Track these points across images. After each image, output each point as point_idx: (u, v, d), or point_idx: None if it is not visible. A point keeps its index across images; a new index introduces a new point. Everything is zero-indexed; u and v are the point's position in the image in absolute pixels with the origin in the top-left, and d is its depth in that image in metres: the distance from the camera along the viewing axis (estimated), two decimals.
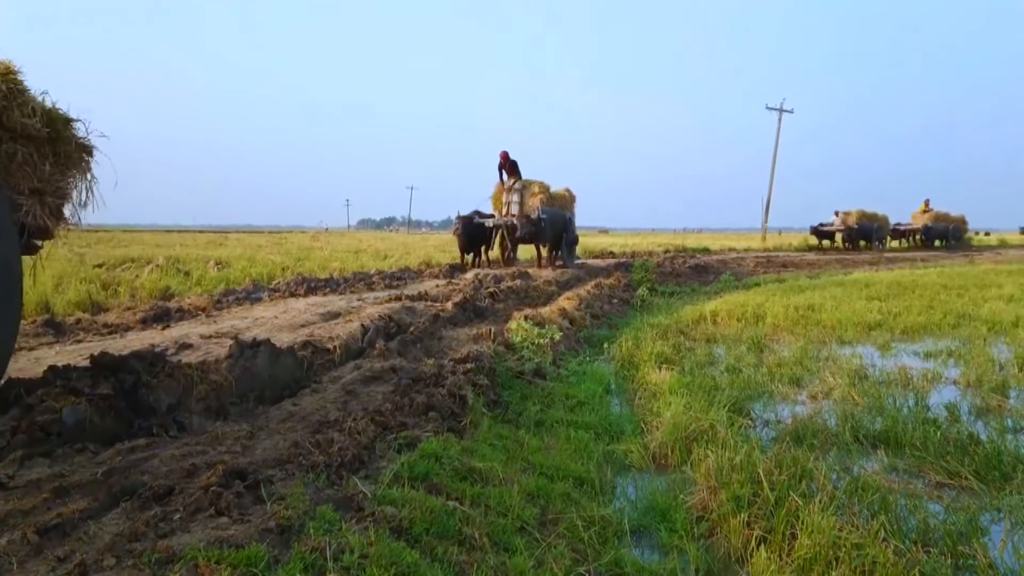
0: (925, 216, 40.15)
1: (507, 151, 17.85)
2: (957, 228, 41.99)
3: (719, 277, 17.59)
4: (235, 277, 13.73)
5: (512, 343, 7.09)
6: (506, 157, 17.81)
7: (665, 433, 4.79)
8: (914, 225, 40.17)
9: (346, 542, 2.72)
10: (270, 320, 7.80)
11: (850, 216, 35.63)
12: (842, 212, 36.04)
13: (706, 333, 9.20)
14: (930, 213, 40.27)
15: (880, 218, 37.34)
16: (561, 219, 18.03)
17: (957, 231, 41.92)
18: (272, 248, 24.75)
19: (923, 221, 39.84)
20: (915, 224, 40.19)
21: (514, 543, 3.23)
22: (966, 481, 4.04)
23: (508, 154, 17.84)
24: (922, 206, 40.84)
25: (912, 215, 41.08)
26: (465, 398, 5.01)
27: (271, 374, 5.11)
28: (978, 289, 13.73)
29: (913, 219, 40.75)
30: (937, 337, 8.74)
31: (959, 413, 5.34)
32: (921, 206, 40.90)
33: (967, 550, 3.15)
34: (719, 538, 3.52)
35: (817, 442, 4.68)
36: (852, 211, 35.92)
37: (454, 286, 12.23)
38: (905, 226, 40.24)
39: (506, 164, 17.84)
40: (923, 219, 40.01)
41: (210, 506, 2.96)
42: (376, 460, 3.81)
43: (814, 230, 36.97)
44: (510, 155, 17.86)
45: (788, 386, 6.26)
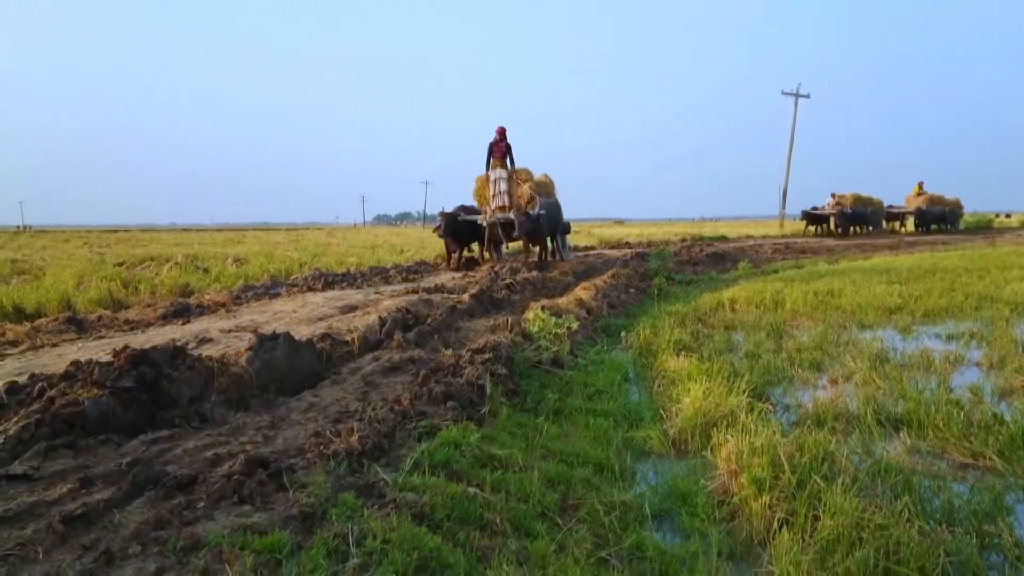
0: (919, 199, 38.79)
1: (505, 128, 15.71)
2: (952, 211, 40.75)
3: (736, 264, 17.48)
4: (253, 273, 13.83)
5: (529, 333, 7.08)
6: (503, 136, 15.67)
7: (684, 419, 4.78)
8: (908, 209, 38.95)
9: (368, 528, 2.74)
10: (288, 314, 7.85)
11: (844, 200, 34.55)
12: (836, 195, 34.96)
13: (724, 320, 9.15)
14: (924, 196, 38.93)
15: (875, 202, 36.28)
16: (557, 211, 16.55)
17: (952, 214, 40.68)
18: (289, 245, 24.91)
19: (917, 204, 38.50)
20: (909, 208, 38.92)
21: (535, 528, 3.24)
22: (990, 461, 4.01)
23: (505, 133, 15.71)
24: (915, 189, 39.57)
25: (906, 198, 39.72)
26: (483, 387, 5.02)
27: (291, 366, 5.14)
28: (1000, 271, 13.56)
29: (907, 202, 39.42)
30: (959, 319, 8.64)
31: (982, 394, 5.30)
32: (915, 189, 39.63)
33: (992, 529, 3.13)
34: (741, 521, 3.51)
35: (839, 425, 4.65)
36: (847, 195, 34.81)
37: (470, 278, 12.25)
38: (899, 209, 39.08)
39: (500, 145, 15.68)
40: (917, 202, 38.67)
41: (233, 494, 2.98)
42: (396, 448, 3.83)
43: (805, 214, 35.72)
44: (507, 135, 15.76)
45: (808, 371, 6.22)
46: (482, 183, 16.10)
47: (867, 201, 35.34)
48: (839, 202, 34.27)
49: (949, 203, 40.45)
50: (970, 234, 37.00)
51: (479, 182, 16.32)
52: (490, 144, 15.68)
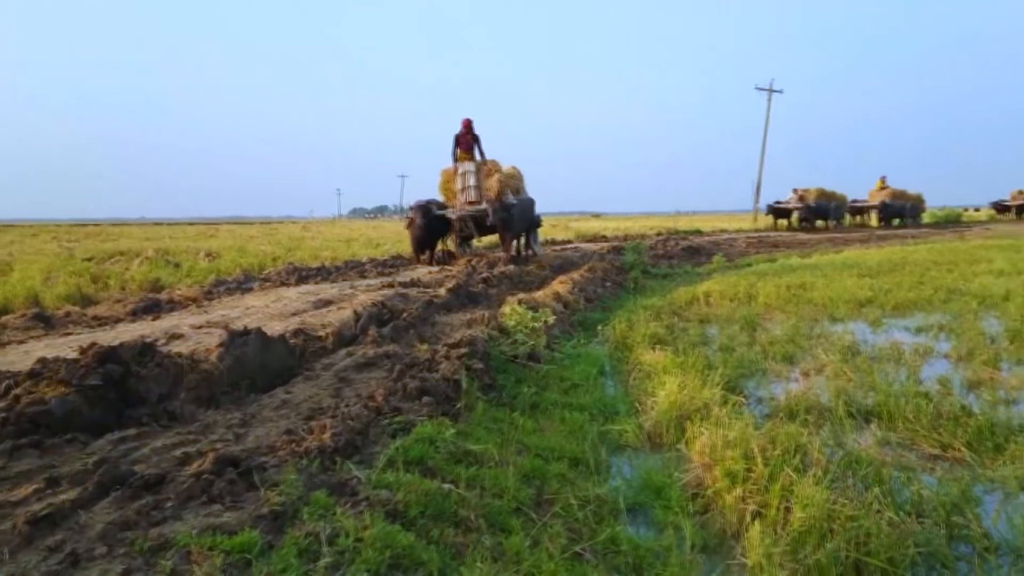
0: (882, 193, 39.10)
1: (471, 120, 15.13)
2: (914, 206, 41.16)
3: (711, 258, 17.58)
4: (226, 268, 13.70)
5: (506, 327, 7.07)
6: (469, 127, 15.11)
7: (659, 412, 4.80)
8: (871, 203, 39.29)
9: (340, 526, 2.71)
10: (261, 309, 7.77)
11: (808, 194, 34.72)
12: (800, 190, 35.12)
13: (699, 313, 9.21)
14: (887, 190, 39.25)
15: (838, 196, 36.55)
16: (530, 204, 16.08)
17: (914, 209, 41.10)
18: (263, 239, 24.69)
19: (880, 199, 38.82)
20: (872, 202, 39.27)
21: (510, 524, 3.23)
22: (959, 453, 4.07)
23: (472, 124, 15.15)
24: (879, 183, 39.85)
25: (869, 193, 40.04)
26: (459, 382, 4.99)
27: (263, 362, 5.09)
28: (968, 264, 13.78)
29: (870, 197, 39.71)
30: (928, 312, 8.76)
31: (951, 386, 5.37)
32: (878, 183, 39.88)
33: (961, 520, 3.17)
34: (714, 514, 3.53)
35: (810, 418, 4.69)
36: (811, 189, 35.16)
37: (447, 272, 12.21)
38: (862, 203, 39.50)
39: (466, 137, 15.10)
40: (880, 196, 38.95)
41: (202, 494, 2.94)
42: (370, 445, 3.79)
43: (771, 208, 35.79)
44: (473, 127, 15.18)
45: (781, 364, 6.28)
46: (448, 177, 15.48)
47: (830, 195, 35.65)
48: (802, 196, 34.45)
49: (911, 197, 40.80)
50: (939, 228, 37.51)
51: (445, 176, 15.68)
52: (456, 136, 15.13)
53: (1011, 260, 14.20)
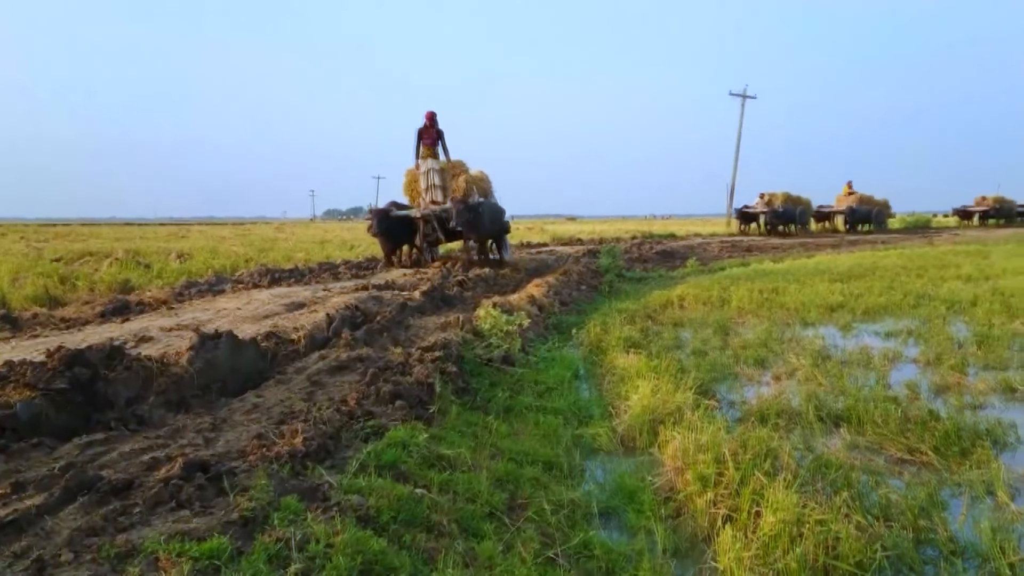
0: (849, 199, 39.16)
1: (435, 113, 14.39)
2: (880, 212, 41.14)
3: (685, 262, 17.70)
4: (197, 269, 13.55)
5: (480, 330, 7.07)
6: (433, 120, 14.36)
7: (633, 416, 4.82)
8: (837, 208, 39.25)
9: (311, 532, 2.69)
10: (233, 311, 7.70)
11: (775, 198, 34.55)
12: (767, 194, 34.91)
13: (673, 317, 9.26)
14: (854, 196, 39.31)
15: (804, 201, 36.40)
16: (498, 210, 15.33)
17: (880, 215, 41.06)
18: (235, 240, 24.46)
19: (847, 204, 38.82)
20: (839, 207, 39.24)
21: (483, 528, 3.23)
22: (926, 457, 4.12)
23: (436, 117, 14.40)
24: (845, 188, 39.93)
25: (836, 198, 40.06)
26: (433, 386, 4.98)
27: (234, 366, 5.04)
28: (937, 270, 13.99)
29: (837, 202, 39.73)
30: (897, 317, 8.88)
31: (919, 391, 5.45)
32: (845, 188, 39.96)
33: (928, 524, 3.21)
34: (686, 518, 3.55)
35: (781, 422, 4.74)
36: (777, 193, 34.92)
37: (422, 275, 12.17)
38: (829, 209, 39.38)
39: (430, 131, 14.38)
40: (847, 202, 38.99)
41: (171, 499, 2.90)
42: (342, 450, 3.77)
43: (739, 213, 35.66)
44: (437, 120, 14.46)
45: (753, 368, 6.33)
46: (413, 176, 14.90)
47: (796, 200, 35.54)
48: (769, 201, 34.39)
49: (878, 203, 40.90)
50: (909, 233, 38.01)
51: (409, 175, 15.10)
52: (419, 130, 14.38)
53: (979, 266, 14.45)
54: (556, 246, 23.76)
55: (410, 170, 14.97)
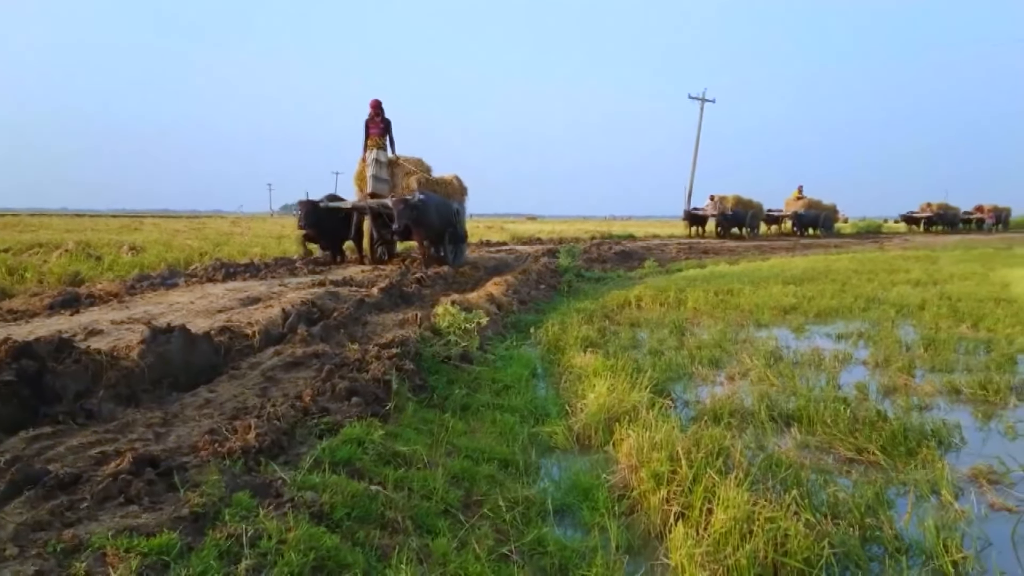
0: (798, 203, 39.66)
1: (380, 101, 13.69)
2: (828, 216, 41.74)
3: (643, 263, 17.86)
4: (150, 262, 13.29)
5: (439, 328, 7.05)
6: (378, 109, 13.66)
7: (589, 415, 4.85)
8: (786, 212, 39.67)
9: (263, 528, 2.66)
10: (186, 306, 7.57)
11: (726, 201, 34.62)
12: (717, 197, 34.89)
13: (630, 317, 9.34)
14: (803, 200, 39.83)
15: (754, 204, 36.55)
16: (448, 208, 14.31)
17: (828, 219, 41.68)
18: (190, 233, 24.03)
19: (796, 208, 39.32)
20: (788, 211, 39.66)
21: (437, 525, 3.22)
22: (874, 456, 4.22)
23: (381, 106, 13.69)
24: (795, 193, 40.37)
25: (786, 202, 40.52)
26: (390, 383, 4.96)
27: (186, 360, 4.95)
28: (887, 274, 14.33)
29: (787, 206, 40.18)
30: (848, 320, 9.08)
31: (868, 392, 5.58)
32: (794, 192, 40.40)
33: (874, 522, 3.29)
34: (639, 515, 3.58)
35: (734, 421, 4.80)
36: (728, 196, 34.95)
37: (380, 272, 12.09)
38: (778, 213, 39.73)
39: (376, 121, 13.69)
40: (796, 206, 39.49)
41: (119, 494, 2.85)
42: (296, 446, 3.73)
43: (687, 215, 35.57)
44: (384, 109, 13.76)
45: (707, 368, 6.42)
46: (363, 167, 14.13)
47: (747, 203, 35.70)
48: (719, 203, 34.40)
49: (826, 207, 41.49)
50: (860, 238, 38.84)
51: (360, 166, 14.24)
52: (366, 121, 13.76)
53: (927, 271, 14.84)
54: (516, 245, 23.79)
55: (362, 161, 14.27)
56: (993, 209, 51.25)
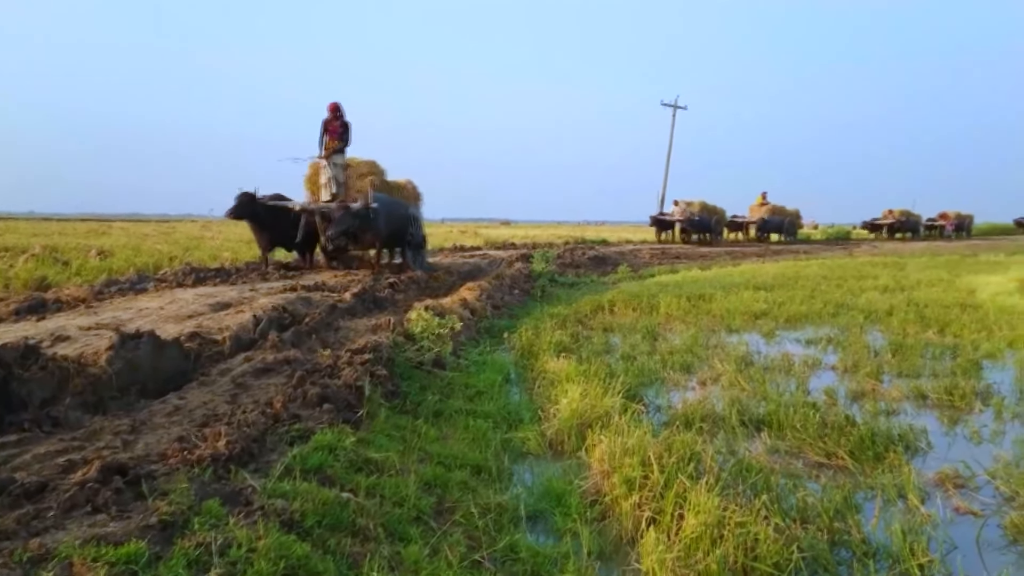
0: (762, 209, 39.42)
1: (339, 104, 13.07)
2: (792, 222, 41.61)
3: (616, 268, 17.94)
4: (118, 267, 13.09)
5: (412, 333, 7.03)
6: (336, 112, 13.04)
7: (562, 420, 4.86)
8: (751, 218, 39.48)
9: (233, 536, 2.63)
10: (155, 311, 7.47)
11: (692, 207, 34.29)
12: (683, 202, 34.60)
13: (603, 322, 9.38)
14: (767, 206, 39.59)
15: (719, 210, 36.39)
16: (401, 211, 13.47)
17: (792, 225, 41.56)
18: (159, 237, 23.73)
19: (760, 214, 39.11)
20: (752, 217, 39.46)
21: (409, 533, 3.21)
22: (842, 461, 4.27)
23: (340, 109, 13.06)
24: (759, 199, 40.18)
25: (750, 208, 40.26)
26: (362, 389, 4.93)
27: (155, 367, 4.89)
28: (856, 280, 14.51)
29: (751, 212, 39.94)
30: (818, 325, 9.19)
31: (837, 397, 5.66)
32: (758, 199, 40.20)
33: (842, 526, 3.34)
34: (611, 520, 3.60)
35: (705, 426, 4.84)
36: (694, 201, 34.64)
37: (353, 276, 12.02)
38: (742, 219, 39.54)
39: (334, 124, 13.10)
40: (760, 212, 39.26)
41: (87, 503, 2.81)
42: (267, 453, 3.70)
43: (654, 220, 34.97)
44: (343, 112, 13.12)
45: (679, 373, 6.46)
46: (315, 168, 13.53)
47: (712, 209, 35.60)
48: (684, 211, 34.12)
49: (789, 213, 41.41)
50: (830, 244, 39.28)
51: (312, 168, 13.65)
52: (324, 123, 13.16)
53: (895, 277, 15.07)
54: (490, 250, 23.75)
55: (313, 163, 13.64)
56: (956, 216, 51.95)
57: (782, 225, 39.98)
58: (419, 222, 14.67)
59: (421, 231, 14.77)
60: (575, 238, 34.02)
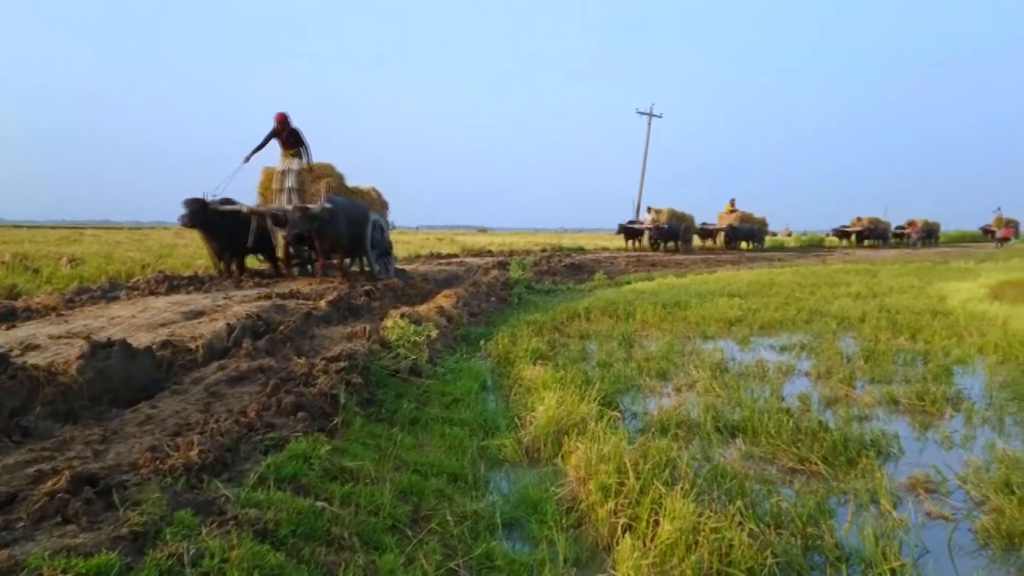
0: (731, 216, 39.56)
1: (286, 114, 12.54)
2: (759, 229, 41.83)
3: (593, 275, 18.01)
4: (90, 275, 12.92)
5: (388, 341, 7.00)
6: (284, 123, 12.51)
7: (538, 427, 4.87)
8: (719, 225, 39.47)
9: (206, 547, 2.60)
10: (127, 319, 7.38)
11: (661, 214, 34.02)
12: (653, 210, 34.40)
13: (580, 330, 9.40)
14: (736, 214, 39.72)
15: (687, 217, 36.06)
16: (360, 214, 12.91)
17: (759, 232, 41.82)
18: (131, 245, 23.44)
19: (729, 221, 39.19)
20: (720, 224, 39.48)
21: (384, 541, 3.20)
22: (815, 466, 4.31)
23: (288, 119, 12.55)
24: (728, 206, 40.25)
25: (719, 215, 40.36)
26: (337, 397, 4.90)
27: (127, 375, 4.83)
28: (829, 287, 14.68)
29: (720, 219, 40.01)
30: (791, 332, 9.28)
31: (810, 403, 5.71)
32: (727, 206, 40.26)
33: (815, 531, 3.36)
34: (587, 527, 3.60)
35: (681, 432, 4.87)
36: (663, 209, 34.29)
37: (328, 284, 11.95)
38: (712, 226, 39.51)
39: (284, 135, 12.60)
40: (728, 219, 39.37)
41: (56, 514, 2.77)
42: (241, 463, 3.67)
43: (622, 228, 34.79)
44: (291, 121, 12.61)
45: (655, 379, 6.50)
46: (268, 175, 12.99)
47: (681, 216, 35.28)
48: (655, 218, 33.96)
49: (757, 221, 41.61)
50: (803, 252, 39.69)
51: (265, 173, 13.09)
52: (272, 133, 12.61)
53: (867, 284, 15.25)
54: (466, 257, 23.75)
55: (266, 168, 13.08)
56: (924, 224, 52.28)
57: (751, 232, 40.13)
58: (384, 228, 14.27)
59: (387, 238, 14.40)
60: (552, 245, 34.08)
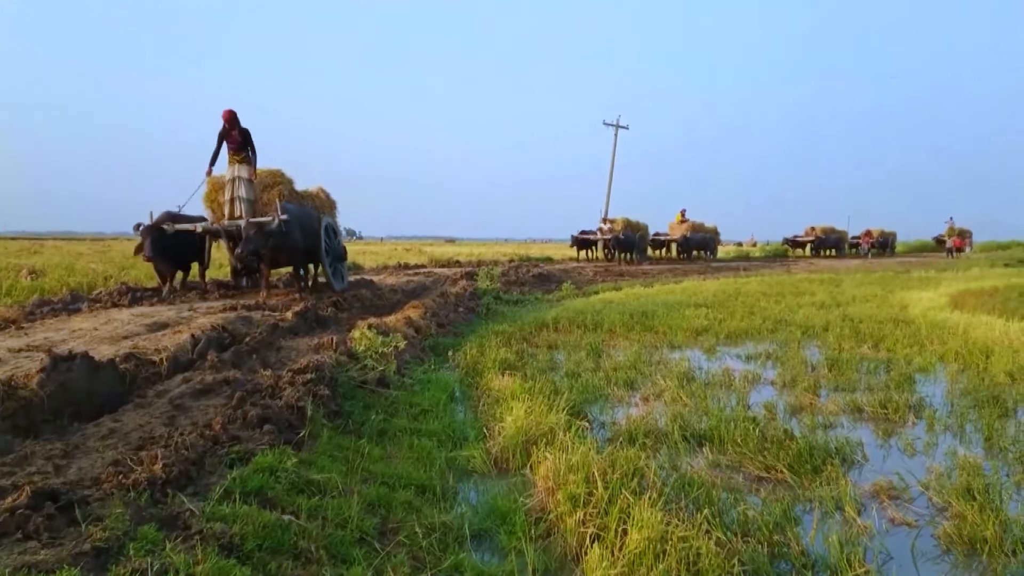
0: (683, 227, 39.07)
1: (234, 111, 11.68)
2: (711, 239, 41.53)
3: (561, 286, 18.06)
4: (51, 287, 12.68)
5: (355, 352, 6.96)
6: (232, 120, 11.63)
7: (507, 438, 4.87)
8: (673, 236, 38.98)
9: (170, 562, 2.57)
10: (90, 332, 7.26)
11: (616, 224, 33.24)
12: (608, 220, 33.87)
13: (548, 340, 9.43)
14: (687, 224, 39.27)
15: (642, 227, 35.19)
16: (313, 222, 12.37)
17: (711, 242, 41.50)
18: (94, 256, 23.05)
19: (681, 232, 38.69)
20: (673, 235, 38.98)
21: (352, 554, 3.17)
22: (781, 474, 4.36)
23: (236, 116, 11.68)
24: (678, 216, 39.84)
25: (670, 226, 39.82)
26: (304, 409, 4.86)
27: (89, 389, 4.75)
28: (794, 296, 14.88)
29: (671, 230, 39.51)
30: (757, 341, 9.39)
31: (776, 411, 5.78)
32: (678, 216, 39.85)
33: (782, 539, 3.39)
34: (556, 537, 3.61)
35: (649, 441, 4.90)
36: (618, 219, 33.70)
37: (294, 296, 11.86)
38: (665, 236, 39.00)
39: (232, 134, 11.71)
40: (681, 229, 38.87)
41: (17, 530, 2.71)
42: (206, 476, 3.62)
43: (575, 240, 33.93)
44: (239, 119, 11.75)
45: (623, 389, 6.53)
46: (216, 184, 12.21)
47: (635, 226, 34.66)
48: (611, 228, 33.26)
49: (709, 230, 41.33)
50: (768, 261, 40.18)
51: (212, 183, 12.28)
52: (220, 134, 11.76)
53: (831, 293, 15.49)
54: (434, 268, 23.71)
55: (214, 178, 12.22)
56: (880, 234, 52.27)
57: (704, 242, 40.05)
58: (337, 231, 13.83)
59: (340, 242, 13.87)
60: (520, 256, 34.08)
